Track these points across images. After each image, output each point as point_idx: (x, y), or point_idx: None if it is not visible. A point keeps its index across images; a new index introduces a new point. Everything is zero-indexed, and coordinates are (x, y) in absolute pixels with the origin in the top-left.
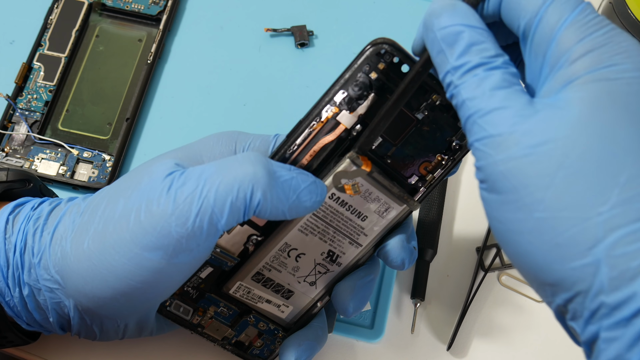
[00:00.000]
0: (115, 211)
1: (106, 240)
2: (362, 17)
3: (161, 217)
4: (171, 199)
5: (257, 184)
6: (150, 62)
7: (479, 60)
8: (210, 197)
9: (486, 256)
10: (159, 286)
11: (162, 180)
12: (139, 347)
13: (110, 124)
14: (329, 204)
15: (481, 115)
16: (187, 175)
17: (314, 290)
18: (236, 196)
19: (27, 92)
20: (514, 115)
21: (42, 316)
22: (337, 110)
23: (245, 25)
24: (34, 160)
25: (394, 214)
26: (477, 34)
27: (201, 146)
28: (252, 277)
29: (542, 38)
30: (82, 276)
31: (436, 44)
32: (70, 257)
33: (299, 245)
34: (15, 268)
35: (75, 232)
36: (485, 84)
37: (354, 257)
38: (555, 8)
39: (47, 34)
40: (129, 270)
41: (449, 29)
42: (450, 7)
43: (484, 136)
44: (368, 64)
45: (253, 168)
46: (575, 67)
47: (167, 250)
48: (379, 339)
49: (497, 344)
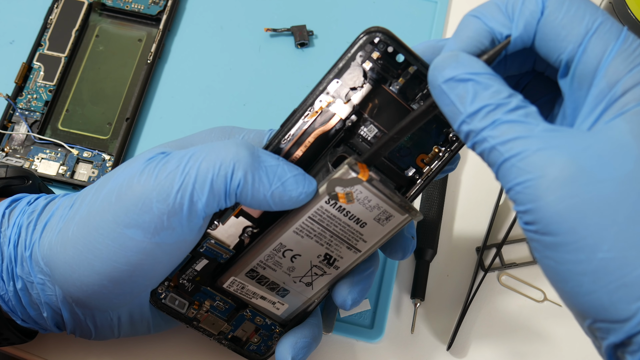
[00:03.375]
0: (100, 195)
1: (90, 224)
2: (362, 17)
3: (142, 192)
4: (153, 175)
5: (239, 163)
6: (150, 62)
7: (496, 102)
8: (192, 174)
9: (486, 256)
10: (145, 268)
11: (144, 161)
12: (137, 347)
13: (110, 124)
14: (326, 209)
15: (522, 158)
16: (171, 156)
17: (311, 291)
18: (217, 173)
19: (27, 92)
20: (564, 153)
21: (36, 312)
22: (331, 101)
23: (245, 25)
24: (33, 160)
25: (395, 223)
26: (486, 79)
27: (194, 138)
28: (246, 274)
29: (587, 68)
30: (68, 264)
31: (444, 96)
32: (57, 246)
33: (294, 247)
34: (9, 261)
35: (64, 223)
36: (515, 126)
37: (352, 262)
38: (598, 38)
39: (47, 34)
40: (113, 252)
41: (454, 79)
42: (453, 59)
43: (529, 179)
44: (362, 53)
45: (236, 149)
46: (626, 98)
47: (149, 228)
48: (379, 339)
49: (497, 344)
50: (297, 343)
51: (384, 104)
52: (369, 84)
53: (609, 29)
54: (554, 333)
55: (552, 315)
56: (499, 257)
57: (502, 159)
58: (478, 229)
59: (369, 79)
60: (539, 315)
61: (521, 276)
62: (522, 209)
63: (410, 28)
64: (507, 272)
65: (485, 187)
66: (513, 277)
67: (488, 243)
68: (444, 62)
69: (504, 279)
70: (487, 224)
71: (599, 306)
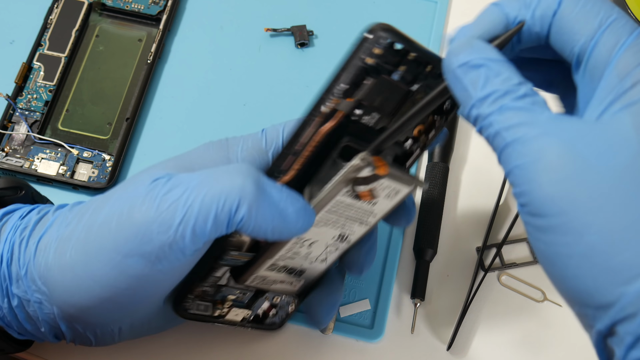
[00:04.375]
0: (98, 218)
1: (88, 250)
2: (362, 17)
3: (143, 223)
4: (154, 205)
5: (245, 198)
6: (150, 62)
7: (505, 89)
8: (195, 206)
9: (486, 256)
10: (147, 290)
11: (146, 186)
12: (138, 347)
13: (110, 124)
14: (342, 200)
15: (523, 142)
16: (174, 182)
17: (325, 265)
18: (221, 208)
19: (27, 92)
20: (563, 138)
21: (33, 326)
22: (336, 101)
23: (245, 25)
24: (33, 160)
25: (402, 195)
26: (498, 66)
27: (192, 155)
28: (266, 268)
29: (599, 61)
30: (66, 288)
31: (457, 81)
32: (54, 269)
33: (312, 236)
34: (3, 279)
35: (59, 242)
36: (521, 112)
37: (362, 234)
38: (611, 32)
39: (47, 34)
40: (113, 278)
41: (468, 63)
42: (468, 45)
43: (528, 162)
44: (365, 54)
45: (242, 181)
46: (634, 91)
47: (150, 257)
48: (379, 339)
49: (497, 344)
50: (323, 303)
51: (386, 92)
52: (372, 77)
53: (623, 25)
54: (554, 333)
55: (552, 315)
56: (499, 257)
57: (504, 143)
58: (478, 229)
59: (372, 74)
60: (539, 315)
61: (521, 276)
62: (518, 190)
63: (410, 28)
64: (507, 272)
65: (485, 187)
66: (513, 277)
67: (488, 243)
68: (459, 47)
69: (504, 279)
70: (487, 224)
71: (584, 291)
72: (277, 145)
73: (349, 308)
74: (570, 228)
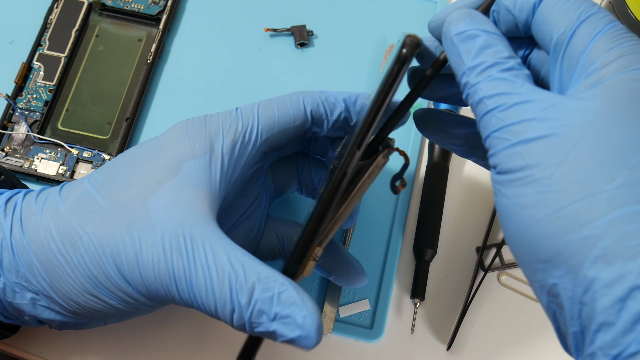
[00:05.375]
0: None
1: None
2: (362, 17)
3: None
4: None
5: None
6: (150, 62)
7: (494, 61)
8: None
9: (486, 256)
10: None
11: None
12: (138, 347)
13: (110, 124)
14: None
15: (503, 109)
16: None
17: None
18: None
19: (27, 92)
20: (538, 106)
21: (16, 309)
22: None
23: (245, 25)
24: (33, 160)
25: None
26: (492, 38)
27: (169, 145)
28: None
29: (575, 49)
30: (52, 285)
31: (453, 48)
32: (43, 282)
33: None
34: None
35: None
36: (503, 83)
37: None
38: (589, 23)
39: (47, 34)
40: (113, 306)
41: (465, 33)
42: (467, 15)
43: (504, 125)
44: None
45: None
46: (603, 71)
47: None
48: (378, 339)
49: (497, 344)
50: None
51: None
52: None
53: (602, 18)
54: (554, 333)
55: None
56: (499, 257)
57: (485, 110)
58: (478, 229)
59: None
60: (539, 315)
61: (521, 276)
62: (493, 152)
63: (410, 28)
64: (507, 272)
65: (485, 187)
66: (513, 277)
67: (488, 243)
68: (459, 16)
69: (504, 279)
70: (487, 224)
71: (534, 241)
72: (253, 125)
73: (348, 308)
74: (532, 180)
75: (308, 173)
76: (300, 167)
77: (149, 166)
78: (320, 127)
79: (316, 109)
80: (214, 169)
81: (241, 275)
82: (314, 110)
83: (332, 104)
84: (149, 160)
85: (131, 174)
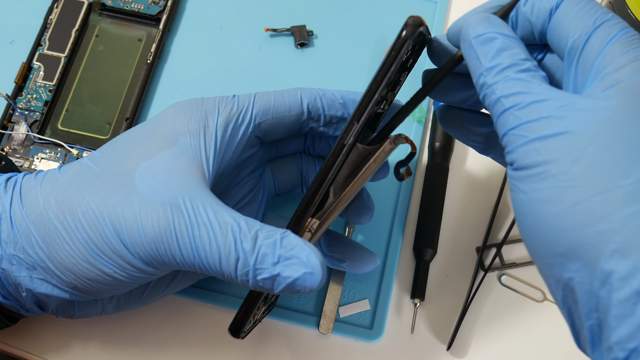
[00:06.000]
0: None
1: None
2: (362, 17)
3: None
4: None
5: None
6: (150, 62)
7: (511, 62)
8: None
9: (486, 256)
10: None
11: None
12: (140, 347)
13: (110, 124)
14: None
15: (520, 108)
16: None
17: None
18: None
19: (27, 92)
20: (554, 104)
21: (15, 289)
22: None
23: (245, 25)
24: (33, 160)
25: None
26: (509, 41)
27: (167, 120)
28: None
29: (590, 53)
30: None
31: (471, 50)
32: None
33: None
34: None
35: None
36: (520, 83)
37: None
38: (604, 29)
39: (46, 34)
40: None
41: (483, 36)
42: (486, 19)
43: (521, 123)
44: (406, 49)
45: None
46: (618, 74)
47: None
48: (378, 339)
49: (497, 344)
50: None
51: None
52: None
53: (616, 24)
54: (554, 333)
55: (552, 315)
56: (499, 257)
57: (503, 108)
58: (478, 229)
59: (407, 69)
60: (539, 315)
61: (521, 276)
62: (510, 149)
63: None
64: (507, 272)
65: (485, 187)
66: (513, 277)
67: (488, 243)
68: (478, 20)
69: (504, 279)
70: (487, 224)
71: (551, 236)
72: (248, 108)
73: (348, 308)
74: (549, 175)
75: (313, 172)
76: (304, 166)
77: (146, 140)
78: (317, 121)
79: (313, 102)
80: (208, 142)
81: (244, 226)
82: (311, 104)
83: (330, 100)
84: (147, 135)
85: (128, 148)
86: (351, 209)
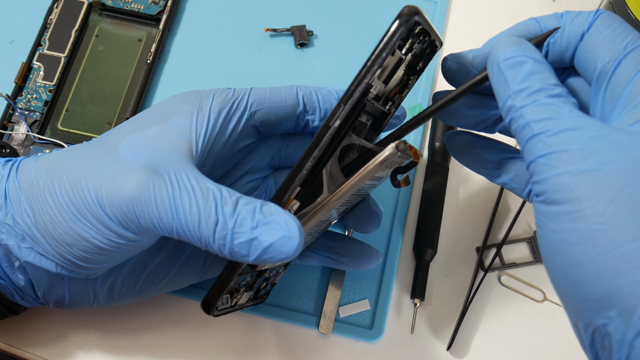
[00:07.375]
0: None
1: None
2: (362, 17)
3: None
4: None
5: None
6: (150, 62)
7: (541, 86)
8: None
9: (486, 256)
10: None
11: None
12: (139, 350)
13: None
14: (366, 182)
15: (550, 135)
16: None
17: (321, 230)
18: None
19: (27, 92)
20: (586, 134)
21: (8, 262)
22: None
23: (245, 25)
24: None
25: (395, 164)
26: (540, 65)
27: (163, 106)
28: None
29: (620, 80)
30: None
31: (499, 73)
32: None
33: (326, 217)
34: None
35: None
36: (551, 108)
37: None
38: (635, 55)
39: (46, 34)
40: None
41: (513, 59)
42: (517, 42)
43: (551, 152)
44: (398, 42)
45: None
46: None
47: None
48: (378, 339)
49: (497, 343)
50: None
51: (393, 65)
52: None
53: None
54: (554, 333)
55: (552, 315)
56: (499, 257)
57: (532, 134)
58: (478, 229)
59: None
60: (539, 315)
61: (521, 276)
62: (538, 178)
63: None
64: (507, 272)
65: (485, 187)
66: (513, 277)
67: (488, 243)
68: (508, 43)
69: (504, 279)
70: (487, 224)
71: (584, 280)
72: (243, 96)
73: (348, 308)
74: (582, 215)
75: None
76: None
77: (138, 118)
78: (313, 114)
79: (308, 95)
80: (199, 122)
81: (225, 193)
82: (306, 97)
83: (326, 94)
84: (140, 116)
85: (121, 126)
86: (357, 217)
